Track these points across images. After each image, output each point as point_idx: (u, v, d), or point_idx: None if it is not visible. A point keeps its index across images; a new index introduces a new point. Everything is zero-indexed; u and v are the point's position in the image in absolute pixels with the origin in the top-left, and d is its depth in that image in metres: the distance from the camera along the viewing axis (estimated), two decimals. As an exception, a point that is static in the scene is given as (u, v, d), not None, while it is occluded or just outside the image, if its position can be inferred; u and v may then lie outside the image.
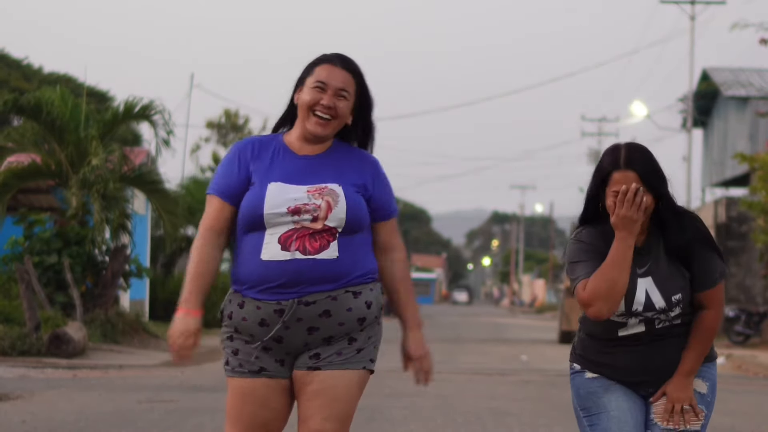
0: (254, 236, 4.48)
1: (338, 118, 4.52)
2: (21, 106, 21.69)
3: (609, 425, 4.59)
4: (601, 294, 4.47)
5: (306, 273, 4.41)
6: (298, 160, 4.55)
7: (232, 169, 4.57)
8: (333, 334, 4.50)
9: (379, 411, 11.45)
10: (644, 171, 4.57)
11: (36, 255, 21.31)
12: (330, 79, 4.52)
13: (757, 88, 37.34)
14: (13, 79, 42.80)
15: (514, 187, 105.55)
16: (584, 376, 4.69)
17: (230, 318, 4.54)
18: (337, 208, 4.44)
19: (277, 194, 4.45)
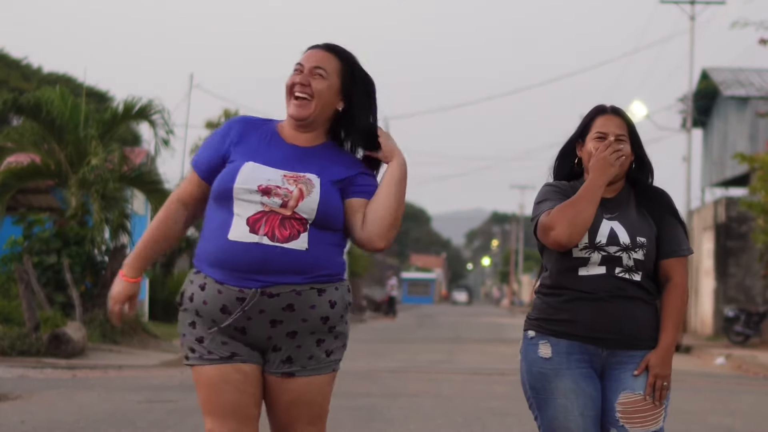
0: (222, 213, 4.38)
1: (316, 97, 4.42)
2: (20, 106, 21.67)
3: (555, 414, 4.63)
4: (565, 219, 4.53)
5: (272, 261, 4.32)
6: (285, 147, 4.47)
7: (212, 143, 4.52)
8: (296, 329, 4.40)
9: (379, 411, 11.44)
10: (629, 120, 4.73)
11: (35, 255, 21.30)
12: (306, 59, 4.47)
13: (757, 88, 37.33)
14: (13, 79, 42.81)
15: (513, 187, 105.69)
16: (537, 350, 4.66)
17: (191, 300, 4.43)
18: (309, 198, 4.34)
19: (251, 171, 4.36)
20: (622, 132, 4.68)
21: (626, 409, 4.59)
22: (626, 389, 4.61)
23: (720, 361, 23.50)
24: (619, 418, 4.59)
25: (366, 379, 15.28)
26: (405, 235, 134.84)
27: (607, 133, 4.66)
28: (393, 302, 57.72)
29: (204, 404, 4.47)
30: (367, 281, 73.57)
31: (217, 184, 4.41)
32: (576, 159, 4.77)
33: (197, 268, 4.48)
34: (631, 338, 4.62)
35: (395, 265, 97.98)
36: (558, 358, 4.61)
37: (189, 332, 4.46)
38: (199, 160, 4.52)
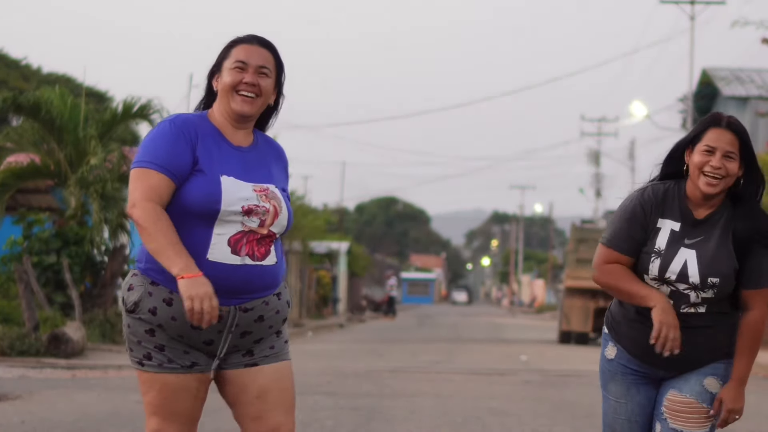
0: (198, 230, 4.31)
1: (262, 95, 4.47)
2: (19, 105, 21.65)
3: (607, 410, 4.76)
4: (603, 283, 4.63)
5: (253, 281, 4.38)
6: (234, 151, 4.47)
7: (177, 146, 4.34)
8: (263, 336, 4.49)
9: (379, 411, 11.43)
10: (743, 136, 4.54)
11: (35, 255, 21.29)
12: (249, 57, 4.47)
13: (756, 88, 37.31)
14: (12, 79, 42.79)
15: (513, 187, 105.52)
16: (606, 348, 4.75)
17: (153, 314, 4.32)
18: (281, 215, 4.44)
19: (232, 190, 4.34)
20: (732, 149, 4.49)
21: (671, 407, 4.63)
22: (674, 389, 4.65)
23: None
24: (663, 411, 4.64)
25: (366, 379, 15.27)
26: (405, 235, 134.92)
27: (715, 148, 4.48)
28: (392, 302, 57.71)
29: (154, 407, 4.44)
30: (366, 281, 73.56)
31: (196, 201, 4.29)
32: (684, 165, 4.60)
33: (153, 279, 4.34)
34: (689, 364, 4.62)
35: (395, 265, 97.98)
36: (618, 362, 4.70)
37: (146, 339, 4.38)
38: (164, 163, 4.30)
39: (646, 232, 4.57)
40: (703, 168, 4.50)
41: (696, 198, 4.57)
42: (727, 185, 4.53)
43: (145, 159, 4.32)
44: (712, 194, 4.52)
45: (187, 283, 4.17)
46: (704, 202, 4.56)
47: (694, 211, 4.57)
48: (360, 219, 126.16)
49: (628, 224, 4.57)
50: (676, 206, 4.57)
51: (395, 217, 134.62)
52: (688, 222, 4.55)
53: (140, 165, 4.32)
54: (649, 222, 4.56)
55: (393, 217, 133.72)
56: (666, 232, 4.55)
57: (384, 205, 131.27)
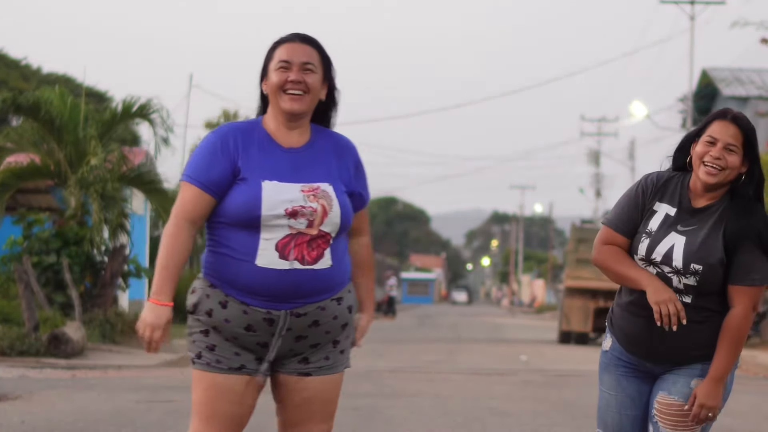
0: (246, 237, 4.36)
1: (310, 92, 4.43)
2: (19, 105, 21.65)
3: (600, 402, 4.80)
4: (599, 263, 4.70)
5: (304, 285, 4.36)
6: (284, 153, 4.44)
7: (215, 158, 4.39)
8: (320, 341, 4.48)
9: (379, 411, 11.43)
10: (747, 131, 4.58)
11: (35, 255, 21.29)
12: (292, 56, 4.44)
13: (756, 88, 37.31)
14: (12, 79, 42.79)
15: (513, 187, 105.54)
16: (605, 342, 4.81)
17: (209, 315, 4.41)
18: (332, 213, 4.38)
19: (273, 194, 4.33)
20: (734, 142, 4.53)
21: (662, 410, 4.63)
22: (663, 390, 4.64)
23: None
24: (654, 414, 4.65)
25: (366, 379, 15.27)
26: (405, 235, 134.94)
27: (717, 139, 4.53)
28: (392, 302, 57.71)
29: (198, 405, 4.47)
30: (366, 281, 73.37)
31: (239, 210, 4.34)
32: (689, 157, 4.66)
33: (212, 283, 4.44)
34: (675, 357, 4.62)
35: (395, 265, 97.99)
36: (612, 353, 4.74)
37: (200, 339, 4.46)
38: (200, 177, 4.39)
39: (642, 213, 4.64)
40: (704, 158, 4.56)
41: (697, 189, 4.62)
42: (726, 178, 4.56)
43: (187, 172, 4.43)
44: (711, 184, 4.56)
45: (147, 306, 4.41)
46: (704, 193, 4.61)
47: (693, 201, 4.63)
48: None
49: (627, 205, 4.67)
50: (677, 193, 4.64)
51: (395, 217, 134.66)
52: (684, 209, 4.61)
53: (183, 178, 4.44)
54: (645, 203, 4.64)
55: (393, 217, 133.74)
56: (660, 216, 4.61)
57: (384, 205, 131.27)
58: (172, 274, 4.39)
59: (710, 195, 4.61)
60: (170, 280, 4.39)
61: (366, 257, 4.69)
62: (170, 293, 4.40)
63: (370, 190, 4.67)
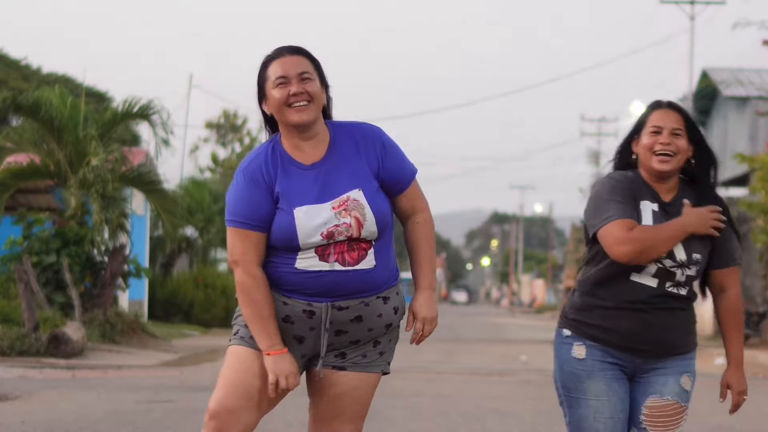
0: (288, 251, 4.39)
1: (314, 100, 4.42)
2: (19, 104, 21.65)
3: (586, 413, 4.59)
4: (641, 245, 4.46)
5: (345, 284, 4.37)
6: (307, 172, 4.42)
7: (254, 196, 4.38)
8: (360, 338, 4.48)
9: (379, 411, 11.42)
10: (687, 114, 4.65)
11: (35, 255, 21.29)
12: (288, 69, 4.43)
13: (756, 88, 37.30)
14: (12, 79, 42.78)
15: (513, 187, 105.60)
16: (571, 350, 4.63)
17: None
18: (367, 223, 4.37)
19: (307, 221, 4.34)
20: (678, 126, 4.60)
21: (652, 414, 4.62)
22: (655, 394, 4.62)
23: (720, 361, 23.46)
24: (642, 420, 4.62)
25: (366, 379, 15.24)
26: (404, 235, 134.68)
27: (662, 127, 4.59)
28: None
29: (221, 377, 4.47)
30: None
31: (277, 239, 4.36)
32: (633, 155, 4.69)
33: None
34: (669, 348, 4.63)
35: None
36: (591, 360, 4.61)
37: (241, 322, 4.49)
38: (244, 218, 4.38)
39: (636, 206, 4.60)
40: (654, 148, 4.59)
41: (651, 182, 4.65)
42: (679, 163, 4.61)
43: (233, 218, 4.40)
44: (665, 172, 4.59)
45: (271, 360, 4.37)
46: (660, 183, 4.63)
47: (660, 194, 4.65)
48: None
49: (624, 198, 4.57)
50: (645, 190, 4.64)
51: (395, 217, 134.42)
52: (660, 204, 4.62)
53: (231, 224, 4.41)
54: (635, 197, 4.60)
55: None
56: (648, 213, 4.59)
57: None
58: (274, 322, 4.39)
59: (667, 186, 4.64)
60: (276, 327, 4.39)
61: (423, 235, 4.55)
62: (279, 339, 4.39)
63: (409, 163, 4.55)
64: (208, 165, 49.96)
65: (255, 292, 4.37)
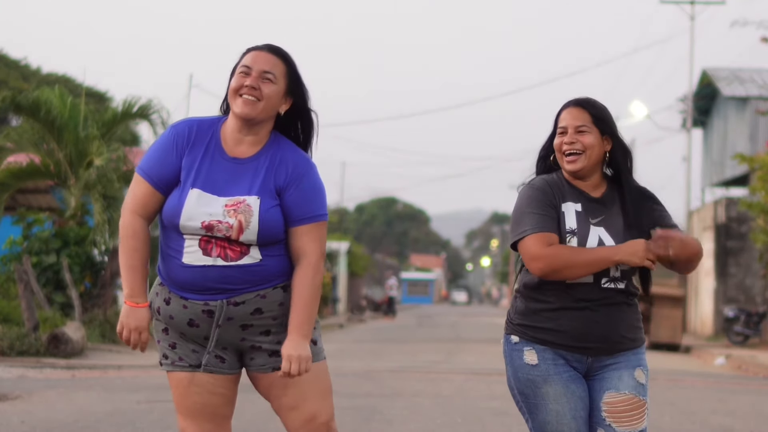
0: (177, 237, 4.45)
1: (264, 100, 4.45)
2: (19, 104, 21.65)
3: (548, 417, 4.59)
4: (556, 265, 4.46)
5: (232, 278, 4.40)
6: (225, 162, 4.48)
7: (168, 157, 4.48)
8: (269, 328, 4.49)
9: (379, 411, 11.43)
10: (594, 109, 4.65)
11: (35, 255, 21.29)
12: (254, 62, 4.49)
13: (757, 88, 37.29)
14: (12, 79, 42.77)
15: (513, 187, 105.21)
16: (523, 357, 4.63)
17: (158, 312, 4.53)
18: (248, 229, 4.39)
19: (195, 205, 4.39)
20: (582, 123, 4.61)
21: (612, 409, 4.61)
22: (610, 389, 4.62)
23: (720, 361, 23.47)
24: (605, 417, 4.60)
25: (366, 379, 15.27)
26: (404, 235, 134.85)
27: (567, 126, 4.63)
28: (392, 302, 57.65)
29: (177, 405, 4.58)
30: (367, 281, 73.53)
31: (165, 215, 4.44)
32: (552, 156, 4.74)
33: (161, 281, 4.55)
34: (617, 344, 4.63)
35: (395, 266, 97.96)
36: (545, 364, 4.60)
37: (163, 338, 4.57)
38: (152, 173, 4.47)
39: (557, 212, 4.60)
40: (561, 148, 4.63)
41: (574, 181, 4.67)
42: (590, 160, 4.62)
43: (142, 165, 4.49)
44: (577, 171, 4.61)
45: (127, 311, 4.48)
46: (583, 182, 4.65)
47: (587, 191, 4.66)
48: (360, 219, 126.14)
49: (543, 208, 4.58)
50: (569, 190, 4.65)
51: (395, 217, 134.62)
52: (586, 202, 4.63)
53: (137, 171, 4.50)
54: (557, 201, 4.61)
55: (393, 217, 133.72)
56: (572, 213, 4.60)
57: (384, 205, 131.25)
58: (141, 274, 4.49)
59: (593, 183, 4.67)
60: (141, 280, 4.49)
61: (301, 288, 4.43)
62: (144, 293, 4.50)
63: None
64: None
65: (135, 238, 4.46)
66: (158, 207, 4.48)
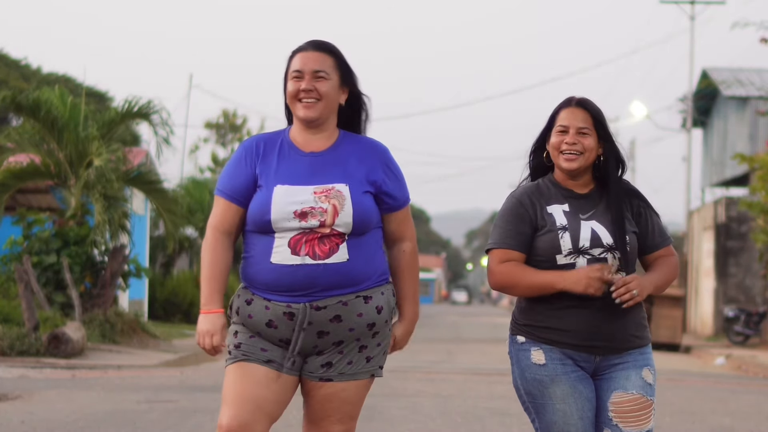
0: (264, 239, 4.48)
1: (323, 99, 4.50)
2: (19, 104, 21.64)
3: (555, 418, 4.59)
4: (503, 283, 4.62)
5: (318, 279, 4.42)
6: (303, 158, 4.53)
7: (238, 169, 4.56)
8: (343, 339, 4.51)
9: (379, 411, 11.43)
10: (595, 111, 4.66)
11: (35, 255, 21.28)
12: (304, 65, 4.52)
13: (756, 88, 37.29)
14: (12, 79, 42.76)
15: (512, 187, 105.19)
16: (530, 357, 4.63)
17: (237, 313, 4.57)
18: (343, 212, 4.43)
19: (284, 197, 4.43)
20: (585, 125, 4.63)
21: (619, 409, 4.60)
22: (618, 389, 4.62)
23: (720, 361, 23.48)
24: (612, 417, 4.60)
25: (366, 379, 15.24)
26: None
27: (569, 126, 4.63)
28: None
29: (225, 393, 4.52)
30: (366, 281, 73.39)
31: (253, 215, 4.48)
32: (545, 153, 4.74)
33: (245, 285, 4.59)
34: (623, 342, 4.63)
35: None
36: (552, 364, 4.61)
37: (231, 340, 4.59)
38: (225, 188, 4.56)
39: (534, 223, 4.62)
40: (560, 147, 4.64)
41: (564, 181, 4.69)
42: (587, 161, 4.65)
43: (219, 186, 4.60)
44: (574, 169, 4.63)
45: (201, 319, 4.57)
46: (573, 181, 4.68)
47: (576, 190, 4.69)
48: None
49: (513, 222, 4.64)
50: (555, 193, 4.68)
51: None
52: (573, 200, 4.65)
53: (216, 192, 4.62)
54: (536, 212, 4.63)
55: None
56: (560, 213, 4.63)
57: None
58: (218, 284, 4.55)
59: (581, 181, 4.69)
60: (217, 291, 4.55)
61: (405, 263, 4.70)
62: (219, 302, 4.57)
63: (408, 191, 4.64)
64: (208, 165, 49.96)
65: (214, 252, 4.55)
66: (237, 219, 4.55)
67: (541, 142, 4.77)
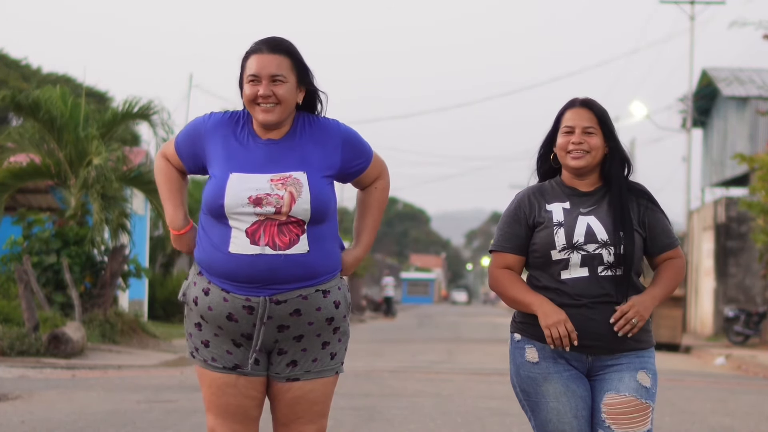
0: (219, 226, 4.43)
1: (281, 103, 4.45)
2: (19, 103, 21.64)
3: (549, 416, 4.61)
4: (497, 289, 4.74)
5: (279, 271, 4.38)
6: (261, 145, 4.48)
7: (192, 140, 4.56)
8: (303, 333, 4.48)
9: (379, 411, 11.43)
10: (600, 112, 4.71)
11: (35, 255, 21.28)
12: (261, 69, 4.46)
13: (757, 88, 37.28)
14: (12, 79, 42.77)
15: (513, 187, 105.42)
16: (524, 354, 4.67)
17: (195, 303, 4.50)
18: (300, 199, 4.38)
19: (238, 184, 4.39)
20: (591, 124, 4.67)
21: (611, 411, 4.60)
22: (611, 390, 4.62)
23: (720, 361, 23.47)
24: (605, 419, 4.60)
25: (366, 379, 15.27)
26: (404, 235, 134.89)
27: (574, 126, 4.66)
28: (390, 302, 57.26)
29: (208, 402, 4.55)
30: (367, 281, 73.53)
31: (207, 201, 4.46)
32: (552, 154, 4.78)
33: (200, 270, 4.52)
34: (616, 344, 4.62)
35: (395, 265, 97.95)
36: (545, 362, 4.63)
37: (195, 333, 4.53)
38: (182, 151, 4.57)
39: (531, 221, 4.68)
40: (567, 147, 4.67)
41: (570, 180, 4.73)
42: (594, 160, 4.68)
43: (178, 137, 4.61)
44: (581, 168, 4.67)
45: (173, 239, 4.62)
46: (579, 180, 4.71)
47: (580, 188, 4.72)
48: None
49: (510, 225, 4.73)
50: (558, 191, 4.73)
51: (395, 217, 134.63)
52: (576, 197, 4.69)
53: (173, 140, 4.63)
54: (533, 212, 4.69)
55: (393, 217, 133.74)
56: (559, 210, 4.68)
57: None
58: (178, 201, 4.58)
59: (588, 181, 4.72)
60: (179, 207, 4.58)
61: (375, 199, 4.66)
62: (184, 218, 4.58)
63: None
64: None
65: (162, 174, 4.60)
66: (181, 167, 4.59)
67: (547, 146, 4.79)
